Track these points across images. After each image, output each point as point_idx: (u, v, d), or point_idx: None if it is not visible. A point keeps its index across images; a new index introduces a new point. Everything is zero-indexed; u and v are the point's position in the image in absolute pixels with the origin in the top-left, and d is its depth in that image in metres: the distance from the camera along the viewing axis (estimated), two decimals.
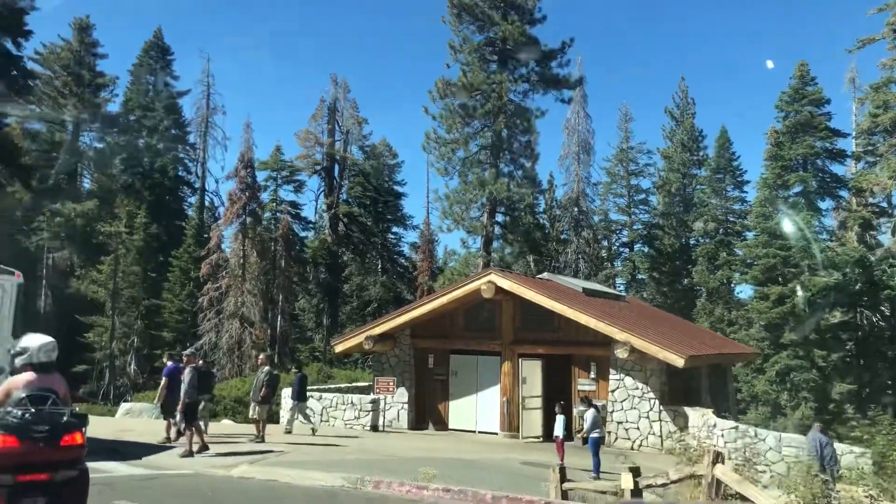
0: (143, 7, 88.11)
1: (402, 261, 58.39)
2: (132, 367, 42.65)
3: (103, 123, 54.03)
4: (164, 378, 14.67)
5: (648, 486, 8.46)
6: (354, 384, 23.63)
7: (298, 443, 14.62)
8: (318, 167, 52.64)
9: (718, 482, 7.53)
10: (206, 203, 55.95)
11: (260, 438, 14.63)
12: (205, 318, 42.65)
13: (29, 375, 5.96)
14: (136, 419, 19.30)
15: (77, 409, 6.20)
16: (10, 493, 5.47)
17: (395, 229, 57.90)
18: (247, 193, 44.24)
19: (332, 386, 22.42)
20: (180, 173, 56.99)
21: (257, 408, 15.54)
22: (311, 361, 42.00)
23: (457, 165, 39.10)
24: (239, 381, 27.65)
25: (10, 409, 5.66)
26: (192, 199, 56.95)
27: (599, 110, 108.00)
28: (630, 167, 55.03)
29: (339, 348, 21.12)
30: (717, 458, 7.64)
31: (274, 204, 48.85)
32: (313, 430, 16.75)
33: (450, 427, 20.11)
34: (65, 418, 5.78)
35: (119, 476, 10.66)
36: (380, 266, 55.75)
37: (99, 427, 14.72)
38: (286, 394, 18.24)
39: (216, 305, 43.22)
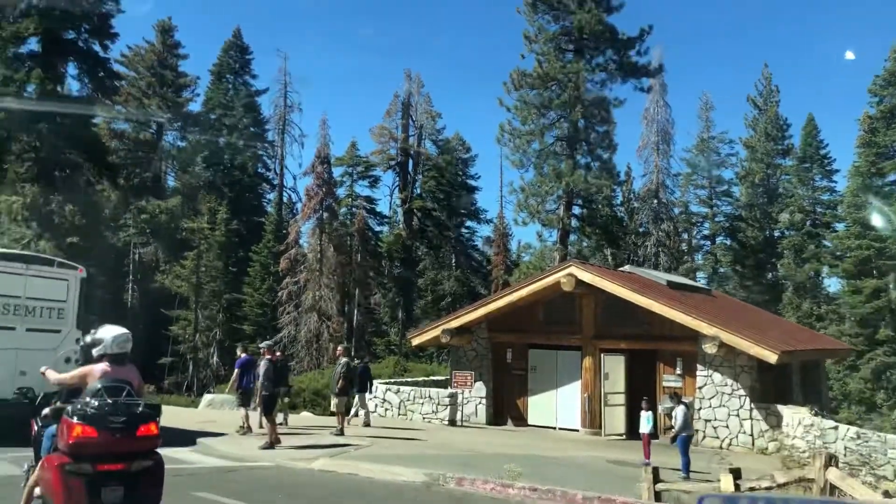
0: (223, 7, 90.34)
1: (476, 255, 58.15)
2: (214, 359, 43.71)
3: (185, 123, 55.55)
4: (236, 369, 14.80)
5: (751, 490, 7.88)
6: (431, 378, 23.46)
7: (378, 436, 14.48)
8: (393, 162, 52.85)
9: (833, 487, 6.91)
10: (284, 199, 56.95)
11: (339, 431, 14.55)
12: (284, 312, 43.37)
13: (104, 366, 6.02)
14: (217, 410, 19.59)
15: (156, 399, 6.30)
16: (89, 482, 5.57)
17: (468, 223, 57.75)
18: (323, 189, 44.73)
19: (409, 379, 22.31)
20: (259, 170, 58.17)
21: (335, 400, 15.49)
22: (387, 355, 42.21)
23: (532, 157, 38.54)
24: (317, 373, 27.90)
25: (87, 399, 5.74)
26: (271, 196, 58.11)
27: (679, 99, 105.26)
28: (711, 157, 53.25)
29: (415, 341, 20.96)
30: (830, 461, 7.03)
31: (350, 199, 49.29)
32: (366, 423, 16.69)
33: (529, 423, 19.69)
34: (140, 409, 5.85)
35: (201, 467, 10.69)
36: (453, 260, 55.61)
37: (182, 418, 14.95)
38: (377, 386, 18.18)
39: (295, 299, 43.89)
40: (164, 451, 11.77)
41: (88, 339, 6.31)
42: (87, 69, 37.73)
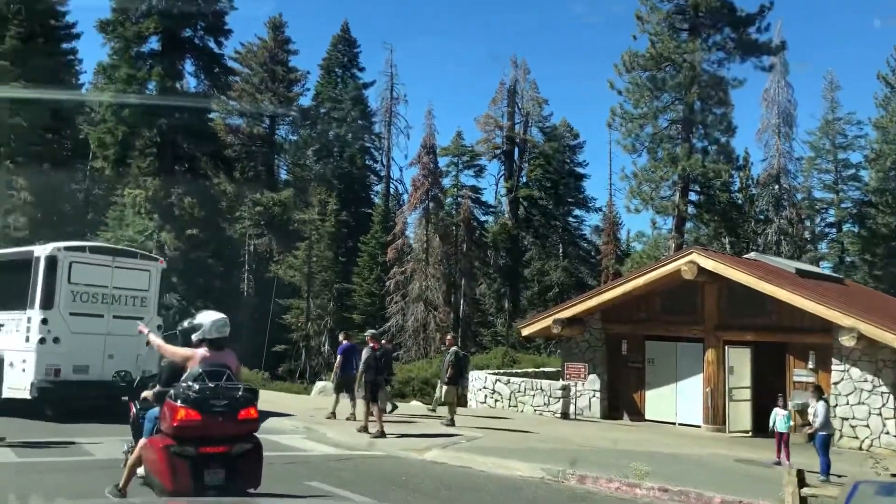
0: (331, 2, 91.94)
1: (584, 244, 56.83)
2: (326, 347, 44.53)
3: (296, 117, 56.87)
4: (338, 356, 14.67)
5: None
6: (541, 369, 22.84)
7: (489, 427, 14.03)
8: (499, 151, 52.28)
9: None
10: (391, 190, 57.47)
11: (450, 422, 14.19)
12: (391, 301, 43.70)
13: (204, 351, 6.17)
14: (329, 397, 19.59)
15: (260, 385, 6.30)
16: (192, 464, 5.76)
17: (576, 212, 56.47)
18: (429, 179, 44.76)
19: (519, 370, 21.76)
20: (367, 162, 58.85)
21: (445, 389, 15.15)
22: (493, 346, 41.80)
23: (645, 142, 37.09)
24: (425, 362, 27.80)
25: (189, 383, 5.91)
26: (378, 188, 58.72)
27: (801, 79, 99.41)
28: (837, 140, 49.80)
29: (525, 331, 20.39)
30: None
31: (455, 189, 49.08)
32: (393, 408, 15.91)
33: (646, 417, 18.77)
34: (240, 393, 6.01)
35: (313, 455, 10.56)
36: (561, 250, 54.53)
37: (294, 405, 14.99)
38: (475, 376, 17.77)
39: (402, 289, 44.16)
40: (275, 438, 11.82)
41: (187, 324, 6.53)
42: (203, 65, 39.04)
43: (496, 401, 18.70)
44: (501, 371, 20.51)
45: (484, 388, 18.92)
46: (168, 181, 35.80)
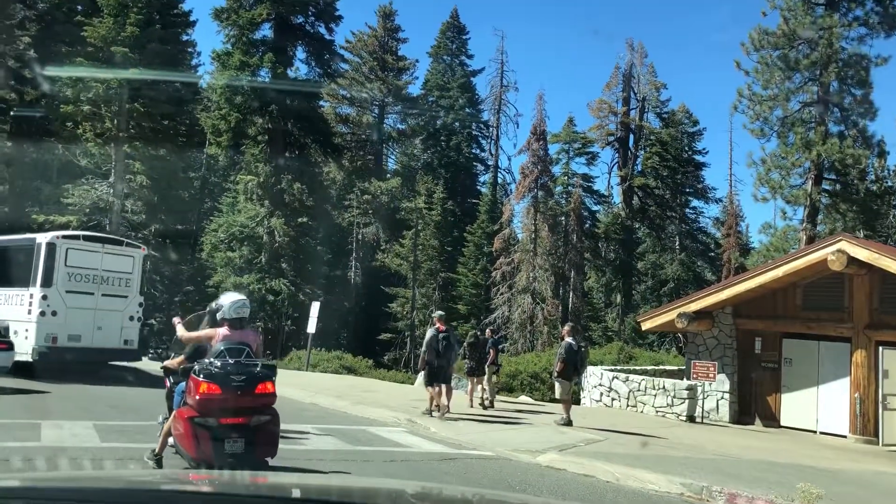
0: None
1: (703, 237, 53.80)
2: None
3: (405, 105, 56.58)
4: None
5: None
6: (660, 367, 21.13)
7: (609, 429, 12.65)
8: (612, 138, 50.14)
9: None
10: (499, 180, 56.28)
11: (565, 420, 12.92)
12: (497, 293, 42.57)
13: (224, 330, 6.66)
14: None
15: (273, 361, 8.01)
16: (214, 434, 6.25)
17: (694, 203, 53.48)
18: (539, 167, 43.25)
19: (638, 368, 20.16)
20: (474, 150, 57.94)
21: (558, 385, 13.90)
22: (604, 341, 40.00)
23: (775, 126, 34.22)
24: (533, 355, 26.53)
25: (212, 360, 6.43)
26: (485, 177, 57.71)
27: None
28: None
29: (646, 325, 18.78)
30: None
31: (566, 177, 47.38)
32: (491, 403, 15.05)
33: (781, 423, 16.86)
34: (258, 369, 6.50)
35: (415, 452, 9.58)
36: (677, 243, 51.84)
37: (397, 395, 14.10)
38: (590, 371, 16.37)
39: (508, 280, 42.95)
40: (375, 430, 10.89)
41: (214, 305, 7.24)
42: (314, 52, 39.09)
43: (613, 400, 17.21)
44: (618, 368, 18.98)
45: (599, 385, 17.47)
46: (279, 168, 35.98)
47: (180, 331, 7.28)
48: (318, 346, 24.53)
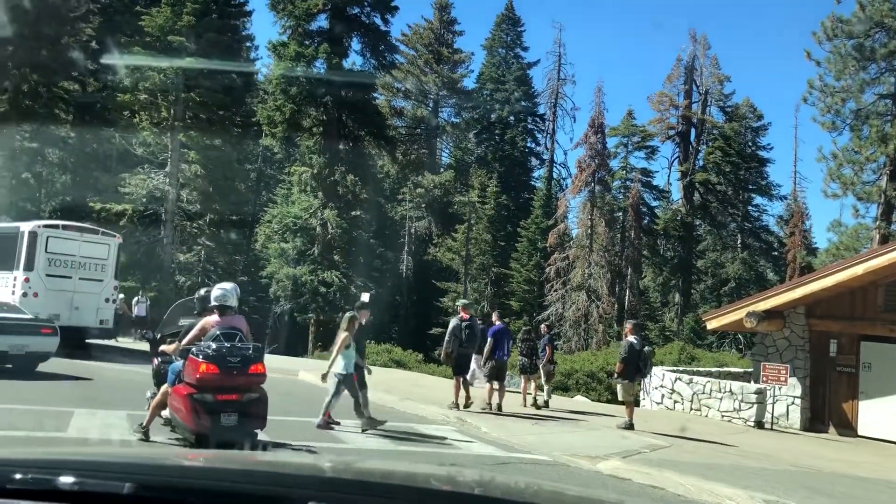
0: None
1: (766, 235, 51.85)
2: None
3: (459, 98, 55.96)
4: (489, 338, 13.12)
5: None
6: (723, 368, 20.05)
7: (673, 434, 11.80)
8: (673, 131, 48.65)
9: None
10: (554, 175, 55.24)
11: (627, 424, 12.12)
12: (551, 289, 41.67)
13: (215, 317, 7.41)
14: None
15: (265, 349, 8.41)
16: (210, 409, 6.96)
17: (757, 200, 51.59)
18: (596, 160, 42.22)
19: (701, 369, 19.13)
20: (529, 144, 57.02)
21: (620, 387, 13.10)
22: (662, 341, 38.75)
23: (847, 119, 32.54)
24: (589, 354, 25.61)
25: (210, 343, 7.12)
26: (539, 172, 56.71)
27: None
28: None
29: (711, 324, 17.74)
30: None
31: (624, 172, 46.19)
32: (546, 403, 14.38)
33: (858, 433, 15.68)
34: (251, 351, 7.23)
35: (464, 455, 8.93)
36: (739, 241, 50.11)
37: (448, 390, 13.45)
38: (653, 371, 15.46)
39: (562, 276, 42.01)
40: (423, 428, 10.24)
41: (203, 292, 8.12)
42: (369, 43, 38.65)
43: (675, 402, 16.26)
44: (680, 369, 18.00)
45: (661, 386, 16.53)
46: (332, 159, 35.72)
47: (170, 348, 7.81)
48: (368, 339, 24.10)
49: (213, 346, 7.10)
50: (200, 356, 7.02)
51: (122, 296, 22.94)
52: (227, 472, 2.02)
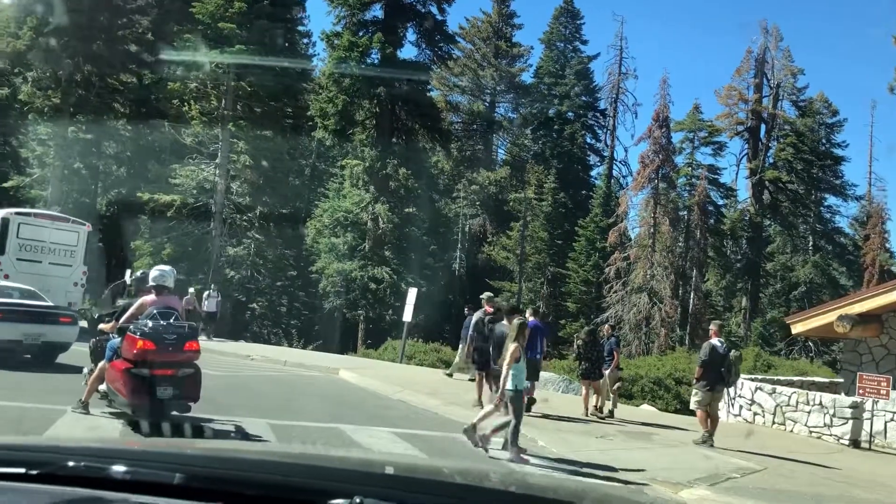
0: None
1: (839, 237, 48.93)
2: None
3: (517, 93, 54.51)
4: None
5: None
6: (805, 377, 18.17)
7: (759, 452, 10.16)
8: (741, 127, 46.21)
9: None
10: (614, 173, 53.25)
11: (705, 439, 10.57)
12: (610, 290, 39.82)
13: (152, 297, 7.84)
14: (545, 391, 16.59)
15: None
16: (147, 383, 7.37)
17: (830, 200, 48.72)
18: (660, 156, 40.21)
19: (782, 378, 17.29)
20: (589, 140, 55.19)
21: (697, 396, 11.53)
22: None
23: None
24: (655, 359, 23.87)
25: (146, 321, 7.53)
26: (599, 169, 54.81)
27: None
28: None
29: (797, 328, 15.93)
30: None
31: (689, 168, 43.95)
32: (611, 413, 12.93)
33: None
34: (186, 329, 7.76)
35: (522, 474, 7.50)
36: (811, 243, 47.39)
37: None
38: (742, 383, 13.76)
39: (623, 277, 40.15)
40: (468, 440, 8.86)
41: (140, 273, 8.53)
42: (425, 33, 37.58)
43: (755, 415, 14.50)
44: (759, 377, 16.23)
45: (739, 396, 14.78)
46: (385, 152, 34.73)
47: (108, 326, 8.08)
48: (417, 338, 22.93)
49: (150, 323, 7.46)
50: (138, 333, 7.37)
51: (192, 290, 22.20)
52: (274, 464, 2.00)
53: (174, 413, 7.47)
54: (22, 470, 1.66)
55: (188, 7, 30.23)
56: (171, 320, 7.62)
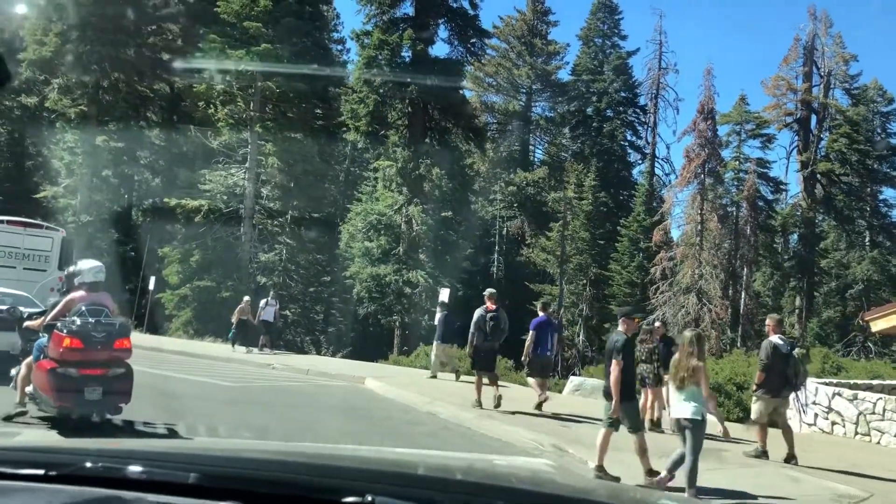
0: None
1: None
2: (580, 337, 40.11)
3: (553, 91, 53.15)
4: (530, 331, 11.79)
5: None
6: (885, 382, 16.38)
7: (849, 471, 8.58)
8: (791, 118, 44.11)
9: None
10: (656, 171, 51.47)
11: (759, 452, 9.11)
12: (657, 291, 38.03)
13: (81, 293, 7.58)
14: (587, 399, 15.14)
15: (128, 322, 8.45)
16: (74, 384, 7.11)
17: (886, 193, 46.33)
18: (706, 150, 38.37)
19: (860, 381, 15.54)
20: (629, 138, 53.51)
21: (757, 404, 10.05)
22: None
23: None
24: (712, 362, 22.18)
25: (74, 318, 7.29)
26: (640, 167, 53.09)
27: None
28: None
29: (877, 325, 14.23)
30: None
31: (737, 162, 41.99)
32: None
33: None
34: (116, 327, 7.50)
35: None
36: (867, 238, 45.04)
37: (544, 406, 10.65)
38: (809, 385, 12.18)
39: (669, 277, 38.36)
40: (506, 462, 7.50)
41: (72, 268, 8.19)
42: (457, 29, 36.46)
43: (834, 424, 12.78)
44: (835, 381, 14.55)
45: (814, 403, 13.11)
46: (418, 153, 33.64)
47: (35, 323, 7.74)
48: (453, 343, 21.64)
49: (78, 321, 7.15)
50: (64, 330, 7.08)
51: (246, 298, 21.17)
52: (287, 463, 2.01)
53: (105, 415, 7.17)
54: (41, 471, 1.70)
55: (213, 7, 29.49)
56: (101, 317, 7.29)
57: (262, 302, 20.97)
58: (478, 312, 11.89)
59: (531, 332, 11.79)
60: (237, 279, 29.59)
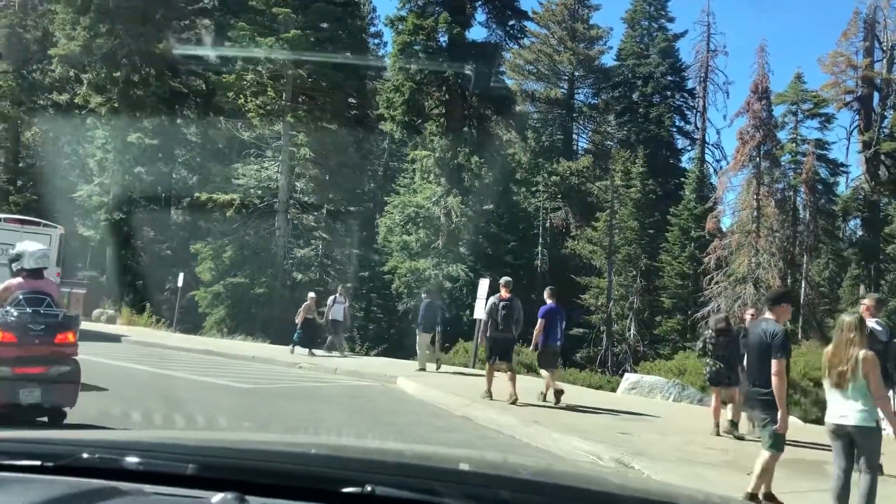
0: None
1: None
2: (632, 331, 38.35)
3: (597, 77, 51.37)
4: (539, 319, 11.36)
5: None
6: None
7: None
8: (851, 96, 41.55)
9: None
10: (707, 157, 49.27)
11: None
12: (712, 282, 36.07)
13: (20, 280, 6.77)
14: (645, 398, 13.59)
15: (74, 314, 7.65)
16: (8, 385, 6.27)
17: None
18: (761, 131, 36.29)
19: None
20: (677, 123, 51.34)
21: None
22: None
23: None
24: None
25: (8, 308, 6.47)
26: (690, 154, 50.89)
27: None
28: None
29: None
30: None
31: (794, 144, 39.66)
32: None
33: None
34: (59, 318, 6.66)
35: None
36: None
37: (595, 405, 9.19)
38: None
39: (724, 267, 36.38)
40: (560, 471, 6.14)
41: (12, 252, 7.19)
42: (494, 11, 35.08)
43: None
44: None
45: None
46: (456, 141, 32.35)
47: None
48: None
49: (14, 311, 6.42)
50: None
51: (312, 294, 19.40)
52: (287, 453, 1.99)
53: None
54: (38, 462, 1.68)
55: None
56: (41, 308, 6.45)
57: (330, 299, 19.25)
58: (490, 301, 11.60)
59: (540, 320, 11.34)
60: (271, 275, 28.66)
